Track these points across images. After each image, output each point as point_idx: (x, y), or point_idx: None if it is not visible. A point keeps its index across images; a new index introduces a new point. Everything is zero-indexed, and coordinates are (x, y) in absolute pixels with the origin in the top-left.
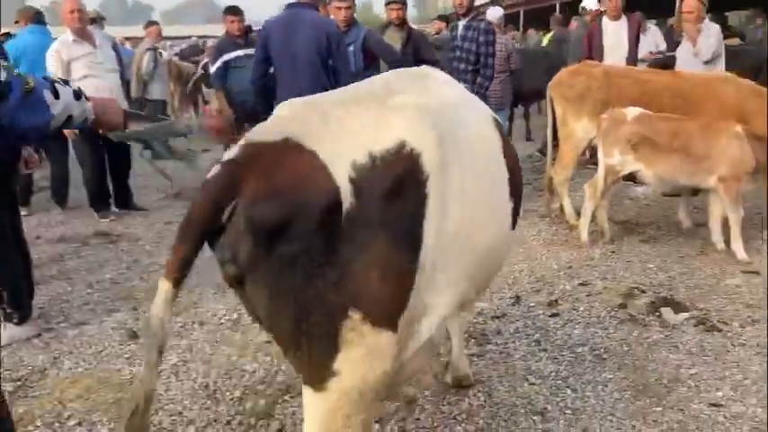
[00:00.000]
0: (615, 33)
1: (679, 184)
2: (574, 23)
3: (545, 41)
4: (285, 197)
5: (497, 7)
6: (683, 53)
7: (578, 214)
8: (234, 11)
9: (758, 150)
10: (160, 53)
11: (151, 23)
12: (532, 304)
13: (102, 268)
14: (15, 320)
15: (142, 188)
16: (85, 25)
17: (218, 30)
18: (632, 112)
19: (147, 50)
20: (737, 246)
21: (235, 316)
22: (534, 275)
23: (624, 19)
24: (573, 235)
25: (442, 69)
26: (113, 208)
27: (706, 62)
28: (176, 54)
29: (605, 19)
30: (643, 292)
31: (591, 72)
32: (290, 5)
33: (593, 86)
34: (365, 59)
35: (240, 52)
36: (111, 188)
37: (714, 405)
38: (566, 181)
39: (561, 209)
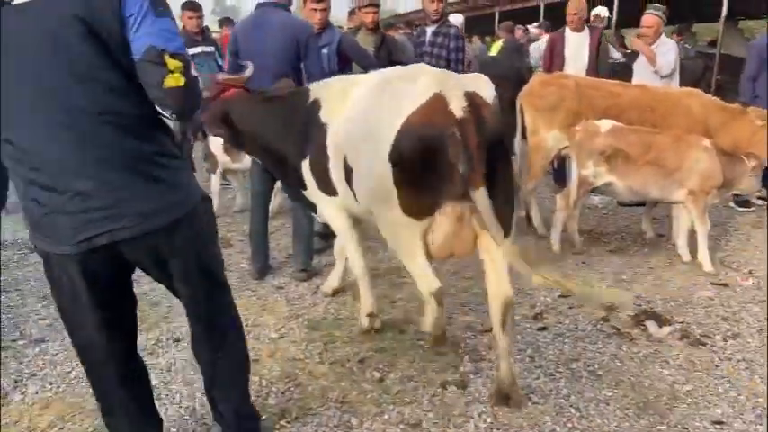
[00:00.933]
0: (576, 45)
1: (650, 197)
2: (519, 32)
3: (493, 50)
4: None
5: (458, 14)
6: (639, 66)
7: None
8: (192, 6)
9: (726, 165)
10: None
11: None
12: (517, 317)
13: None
14: None
15: None
16: None
17: None
18: (605, 124)
19: None
20: (705, 258)
21: None
22: (513, 287)
23: (586, 31)
24: (542, 245)
25: None
26: None
27: (663, 77)
28: None
29: (567, 30)
30: None
31: (563, 83)
32: (259, 5)
33: (565, 97)
34: (339, 62)
35: (198, 49)
36: None
37: (717, 423)
38: (534, 191)
39: (528, 219)
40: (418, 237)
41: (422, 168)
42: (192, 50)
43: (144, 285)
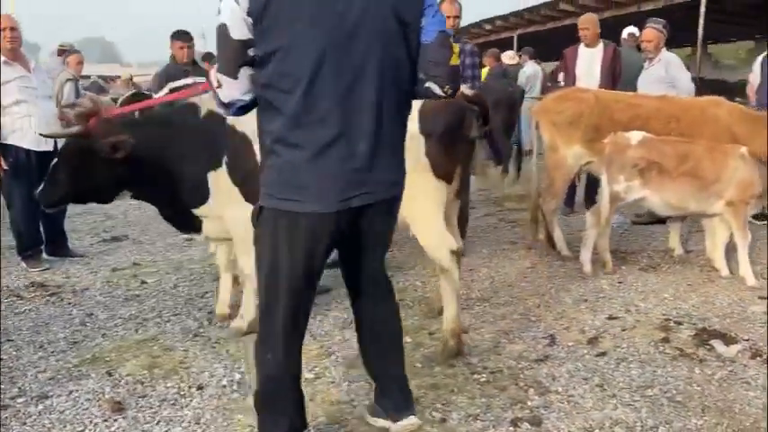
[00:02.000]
0: (588, 60)
1: (688, 210)
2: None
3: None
4: None
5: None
6: (643, 81)
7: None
8: (184, 36)
9: (761, 173)
10: (82, 84)
11: (70, 51)
12: (570, 343)
13: (49, 326)
14: None
15: (70, 231)
16: (19, 46)
17: (115, 69)
18: (636, 135)
19: (68, 81)
20: (748, 272)
21: (237, 376)
22: (553, 311)
23: (600, 47)
24: (569, 266)
25: None
26: (45, 255)
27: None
28: None
29: (581, 45)
30: (678, 323)
31: (581, 97)
32: None
33: (584, 112)
34: None
35: (189, 80)
36: (42, 232)
37: None
38: (556, 210)
39: (548, 239)
40: (443, 198)
41: (449, 137)
42: (182, 81)
43: (151, 329)
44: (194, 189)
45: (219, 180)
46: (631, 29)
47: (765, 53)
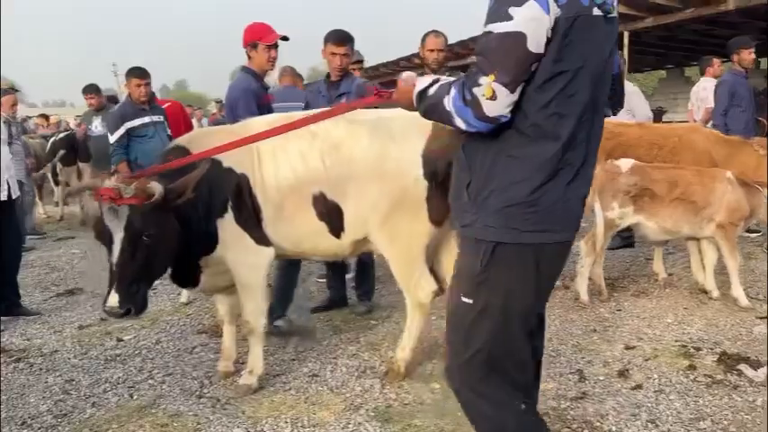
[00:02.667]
0: None
1: (681, 234)
2: None
3: None
4: None
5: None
6: None
7: None
8: (140, 73)
9: (749, 195)
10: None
11: (3, 92)
12: (601, 377)
13: (25, 398)
14: None
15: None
16: None
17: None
18: (626, 163)
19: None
20: (739, 292)
21: None
22: (567, 343)
23: None
24: (560, 294)
25: None
26: None
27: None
28: None
29: None
30: (697, 349)
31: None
32: None
33: None
34: None
35: (146, 119)
36: None
37: None
38: None
39: None
40: (428, 242)
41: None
42: (139, 121)
43: (146, 393)
44: (207, 237)
45: (226, 225)
46: None
47: (702, 78)
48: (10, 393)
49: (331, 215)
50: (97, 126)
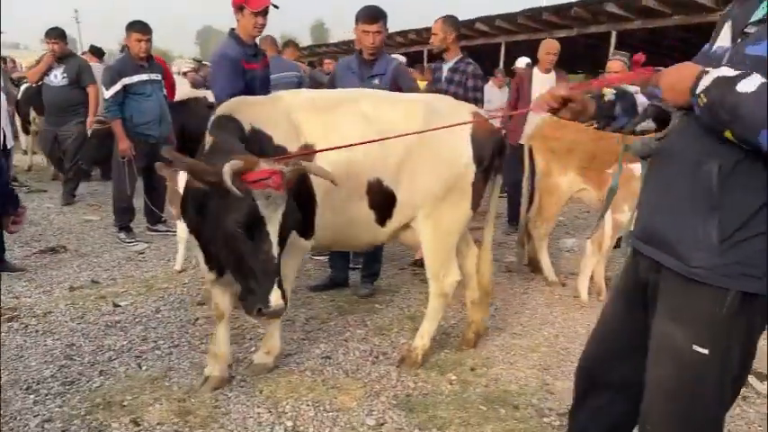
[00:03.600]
0: (543, 86)
1: None
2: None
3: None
4: None
5: (398, 55)
6: None
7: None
8: (142, 28)
9: None
10: None
11: None
12: None
13: (25, 361)
14: None
15: None
16: None
17: None
18: (638, 168)
19: None
20: None
21: (289, 424)
22: (575, 342)
23: (554, 73)
24: (559, 292)
25: None
26: None
27: None
28: None
29: (536, 69)
30: None
31: (579, 126)
32: None
33: (582, 140)
34: None
35: (144, 76)
36: None
37: None
38: (546, 235)
39: (531, 264)
40: (463, 230)
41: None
42: (137, 77)
43: (154, 363)
44: None
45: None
46: (526, 59)
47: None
48: (9, 355)
49: (383, 203)
50: (57, 76)
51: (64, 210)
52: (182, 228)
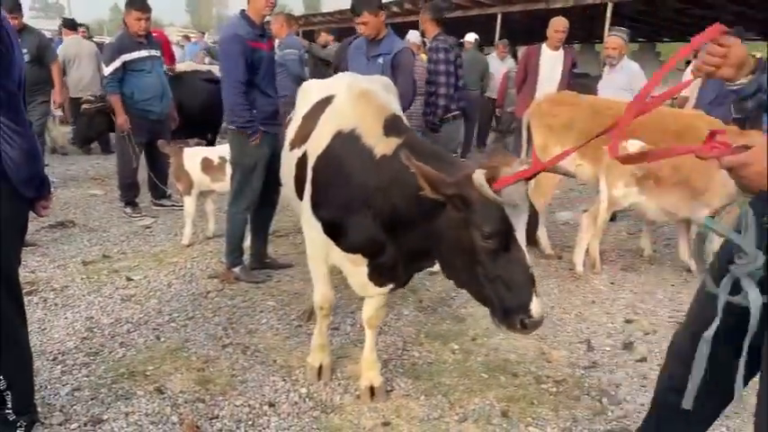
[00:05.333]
0: (551, 62)
1: (678, 216)
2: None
3: None
4: None
5: (415, 31)
6: (606, 87)
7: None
8: (143, 6)
9: None
10: None
11: None
12: (607, 348)
13: (48, 333)
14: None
15: None
16: None
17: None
18: (634, 145)
19: None
20: None
21: (303, 390)
22: (570, 313)
23: (561, 51)
24: (554, 264)
25: None
26: None
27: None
28: None
29: (544, 46)
30: None
31: (576, 102)
32: None
33: (579, 117)
34: (393, 76)
35: (144, 53)
36: None
37: None
38: (542, 209)
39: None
40: None
41: None
42: (136, 54)
43: (172, 335)
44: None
45: None
46: (474, 35)
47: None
48: (31, 328)
49: None
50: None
51: (68, 184)
52: (189, 202)
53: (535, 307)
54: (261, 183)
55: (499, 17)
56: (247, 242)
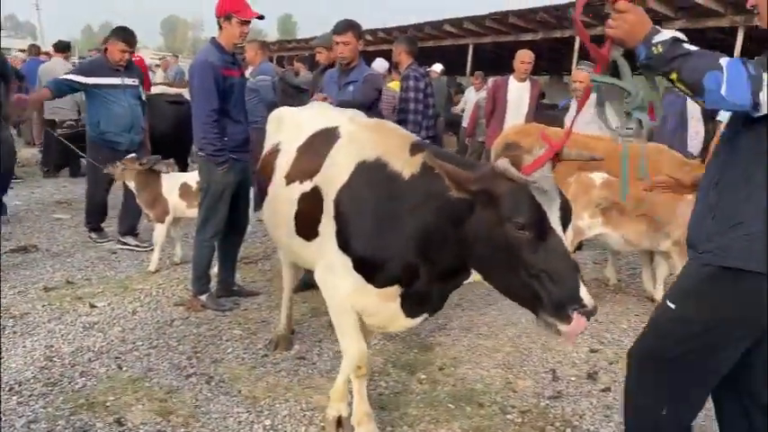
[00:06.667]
0: (518, 93)
1: (640, 247)
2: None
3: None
4: None
5: (381, 59)
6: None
7: None
8: (131, 39)
9: None
10: None
11: None
12: (572, 378)
13: (6, 362)
14: None
15: None
16: None
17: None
18: (599, 176)
19: None
20: None
21: (267, 422)
22: (537, 342)
23: (528, 82)
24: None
25: None
26: None
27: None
28: None
29: (511, 78)
30: None
31: (542, 133)
32: None
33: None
34: None
35: (116, 80)
36: None
37: None
38: None
39: None
40: None
41: None
42: (109, 80)
43: (134, 365)
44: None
45: None
46: (440, 65)
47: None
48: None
49: None
50: None
51: (32, 208)
52: (162, 230)
53: (585, 295)
54: (227, 210)
55: (471, 48)
56: (214, 269)
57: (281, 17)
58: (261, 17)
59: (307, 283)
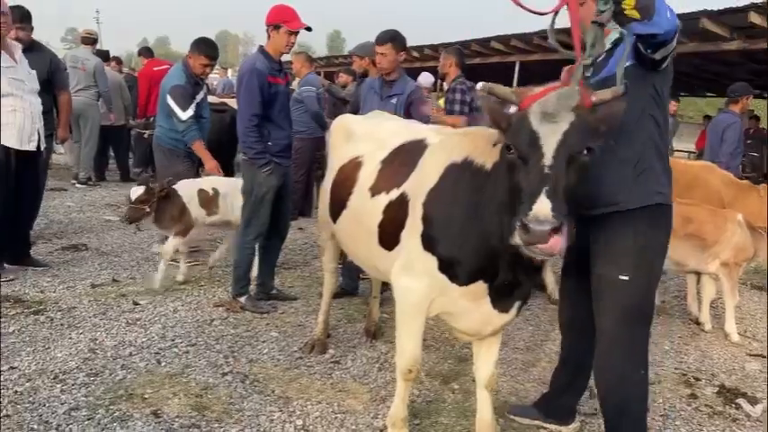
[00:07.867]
0: None
1: (686, 268)
2: None
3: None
4: None
5: (428, 73)
6: None
7: None
8: (215, 53)
9: (754, 238)
10: None
11: None
12: None
13: (51, 352)
14: None
15: None
16: (7, 33)
17: None
18: None
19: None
20: (732, 328)
21: (299, 422)
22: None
23: None
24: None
25: None
26: (5, 264)
27: None
28: None
29: None
30: (697, 379)
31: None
32: None
33: None
34: (406, 116)
35: (202, 95)
36: None
37: None
38: None
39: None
40: None
41: None
42: (199, 97)
43: (173, 361)
44: None
45: None
46: (482, 83)
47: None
48: (35, 346)
49: None
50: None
51: (84, 209)
52: (177, 244)
53: (537, 206)
54: (269, 213)
55: (517, 65)
56: (254, 272)
57: (330, 33)
58: (309, 29)
59: (344, 289)
